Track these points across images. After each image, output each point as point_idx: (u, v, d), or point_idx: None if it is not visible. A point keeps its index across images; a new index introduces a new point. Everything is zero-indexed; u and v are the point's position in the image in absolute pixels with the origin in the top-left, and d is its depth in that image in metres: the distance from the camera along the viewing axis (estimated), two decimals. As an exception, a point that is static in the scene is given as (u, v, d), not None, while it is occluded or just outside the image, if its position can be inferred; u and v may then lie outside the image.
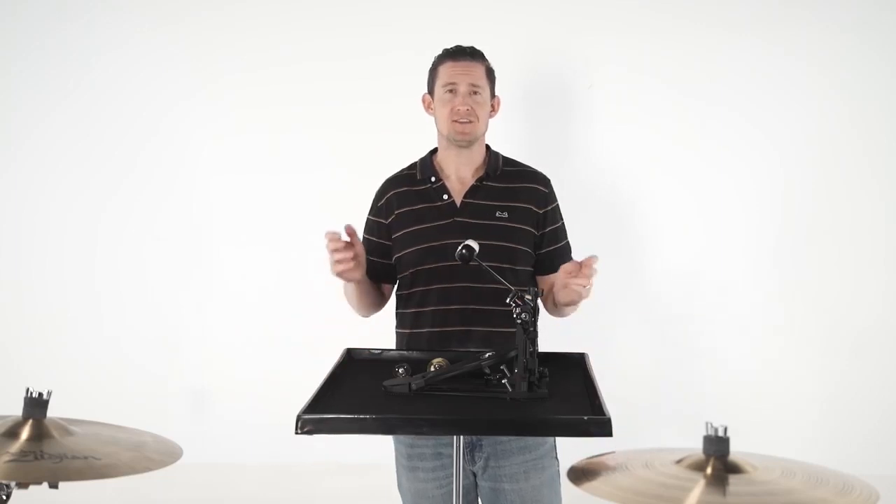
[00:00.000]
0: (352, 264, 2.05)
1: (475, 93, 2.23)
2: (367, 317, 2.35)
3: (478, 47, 2.30)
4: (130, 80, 3.37)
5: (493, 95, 2.30)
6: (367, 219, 2.34)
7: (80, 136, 3.39)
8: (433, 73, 2.30)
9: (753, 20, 3.21)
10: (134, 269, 3.40)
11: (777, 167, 3.25)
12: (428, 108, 2.32)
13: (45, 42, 3.36)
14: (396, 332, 2.32)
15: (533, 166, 2.35)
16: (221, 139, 3.37)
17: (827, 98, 3.22)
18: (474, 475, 2.18)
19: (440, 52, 2.30)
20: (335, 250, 2.02)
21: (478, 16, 3.24)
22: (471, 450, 2.14)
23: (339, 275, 2.07)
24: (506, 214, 2.22)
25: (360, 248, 2.10)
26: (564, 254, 2.31)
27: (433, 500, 2.18)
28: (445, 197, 2.25)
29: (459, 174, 2.28)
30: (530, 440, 2.14)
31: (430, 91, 2.30)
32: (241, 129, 3.36)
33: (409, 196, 2.28)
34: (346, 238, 2.05)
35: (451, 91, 2.23)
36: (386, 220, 2.28)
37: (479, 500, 2.21)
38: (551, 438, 2.20)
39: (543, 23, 3.26)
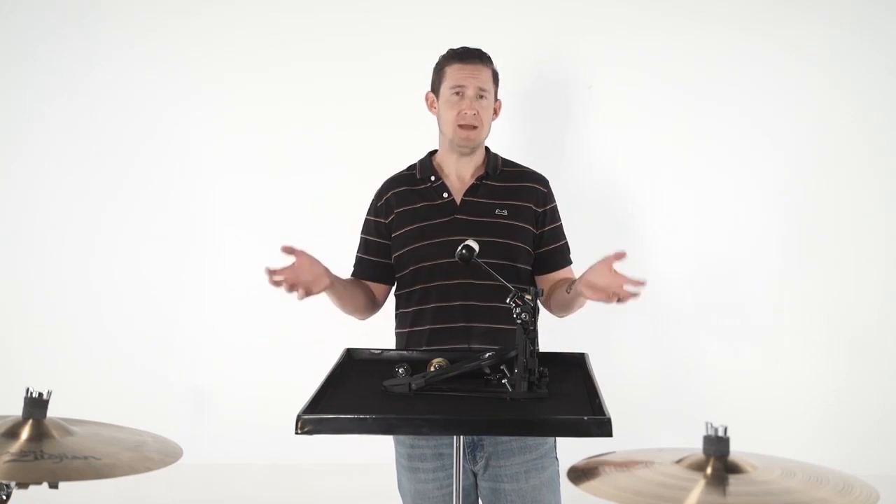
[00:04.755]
0: (308, 278, 2.02)
1: (482, 97, 2.22)
2: (363, 319, 2.34)
3: (479, 48, 2.28)
4: (130, 80, 3.36)
5: (495, 99, 2.30)
6: (366, 219, 2.34)
7: (80, 137, 3.39)
8: (439, 72, 2.27)
9: (753, 20, 3.21)
10: (134, 269, 3.40)
11: (777, 167, 3.25)
12: (431, 106, 2.30)
13: (45, 42, 3.36)
14: (396, 333, 2.31)
15: (531, 167, 2.35)
16: (221, 139, 3.37)
17: (827, 98, 3.23)
18: (475, 475, 2.17)
19: (447, 52, 2.28)
20: (277, 285, 1.99)
21: (477, 15, 3.24)
22: (472, 449, 2.14)
23: (301, 293, 2.02)
24: (505, 212, 2.23)
25: (306, 259, 2.04)
26: (563, 253, 2.31)
27: (433, 500, 2.18)
28: (445, 195, 2.25)
29: (459, 174, 2.28)
30: (531, 440, 2.14)
31: (435, 90, 2.28)
32: (240, 128, 3.36)
33: (408, 195, 2.28)
34: (285, 261, 2.01)
35: (458, 94, 2.21)
36: (386, 219, 2.28)
37: (479, 500, 2.21)
38: (551, 438, 2.20)
39: (543, 22, 3.26)
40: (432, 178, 2.27)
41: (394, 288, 2.33)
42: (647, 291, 1.99)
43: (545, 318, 2.26)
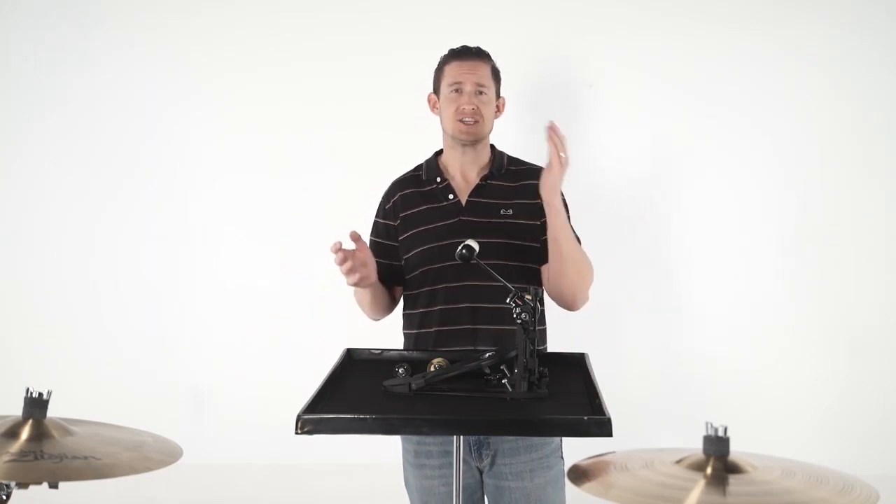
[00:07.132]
0: (365, 272, 2.06)
1: (481, 92, 2.24)
2: (377, 320, 2.35)
3: (481, 47, 2.31)
4: (130, 80, 3.36)
5: (497, 96, 2.32)
6: (375, 221, 2.35)
7: (80, 137, 3.39)
8: (439, 72, 2.32)
9: (753, 20, 3.21)
10: (134, 268, 3.40)
11: (776, 167, 3.25)
12: (433, 107, 2.33)
13: (44, 42, 3.36)
14: (404, 334, 2.32)
15: (539, 164, 2.33)
16: (221, 139, 3.37)
17: (827, 98, 3.23)
18: (481, 472, 2.18)
19: (446, 52, 2.32)
20: (343, 263, 2.02)
21: (478, 15, 3.24)
22: (479, 447, 2.14)
23: (355, 284, 2.09)
24: (511, 212, 2.23)
25: (368, 252, 2.11)
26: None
27: (439, 496, 2.18)
28: (451, 197, 2.26)
29: (465, 174, 2.29)
30: (537, 439, 2.14)
31: (436, 91, 2.32)
32: (240, 128, 3.36)
33: (414, 197, 2.29)
34: (350, 245, 2.05)
35: (456, 90, 2.24)
36: (394, 222, 2.29)
37: (485, 498, 2.21)
38: (558, 437, 2.20)
39: (544, 22, 3.26)
40: (438, 179, 2.29)
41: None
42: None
43: (547, 319, 2.27)
